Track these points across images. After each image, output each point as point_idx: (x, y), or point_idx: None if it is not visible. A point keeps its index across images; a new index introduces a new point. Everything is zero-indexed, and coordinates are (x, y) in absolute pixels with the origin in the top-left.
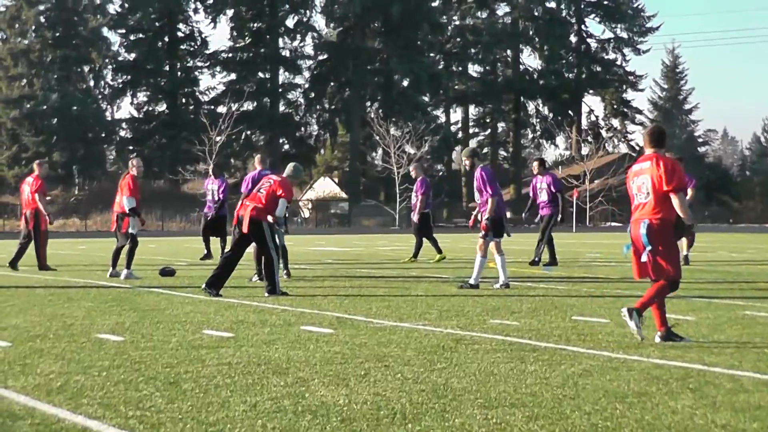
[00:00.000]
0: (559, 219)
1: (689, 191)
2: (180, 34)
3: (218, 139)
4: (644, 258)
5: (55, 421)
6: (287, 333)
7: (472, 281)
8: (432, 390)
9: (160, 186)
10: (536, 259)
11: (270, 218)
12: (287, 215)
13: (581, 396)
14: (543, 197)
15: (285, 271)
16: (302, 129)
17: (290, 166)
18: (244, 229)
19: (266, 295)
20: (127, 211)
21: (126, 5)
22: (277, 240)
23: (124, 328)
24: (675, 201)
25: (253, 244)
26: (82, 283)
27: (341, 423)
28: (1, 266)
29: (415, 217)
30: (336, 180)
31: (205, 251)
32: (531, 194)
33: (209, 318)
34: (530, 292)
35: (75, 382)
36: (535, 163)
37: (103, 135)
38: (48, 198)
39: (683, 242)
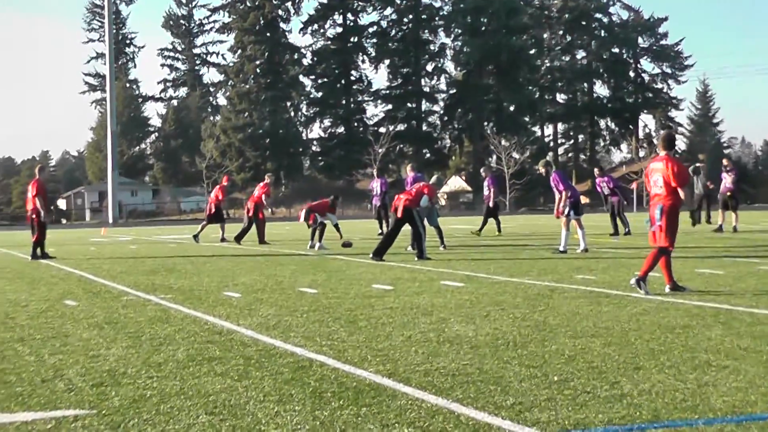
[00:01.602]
0: (625, 203)
1: (732, 176)
2: (352, 77)
3: (380, 150)
4: (654, 229)
5: (272, 348)
6: (431, 286)
7: (561, 248)
8: (534, 325)
9: (340, 184)
10: (627, 230)
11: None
12: (437, 206)
13: (642, 328)
14: (606, 191)
15: (442, 246)
16: (439, 142)
17: (435, 177)
18: (399, 215)
19: (416, 259)
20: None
21: (315, 59)
22: (426, 222)
23: (318, 284)
24: (681, 192)
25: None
26: (288, 253)
27: (471, 349)
28: (230, 242)
29: (491, 203)
30: (463, 178)
31: (379, 230)
32: (599, 190)
33: (376, 276)
34: (603, 256)
35: (285, 321)
36: (596, 170)
37: (300, 149)
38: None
39: (733, 216)
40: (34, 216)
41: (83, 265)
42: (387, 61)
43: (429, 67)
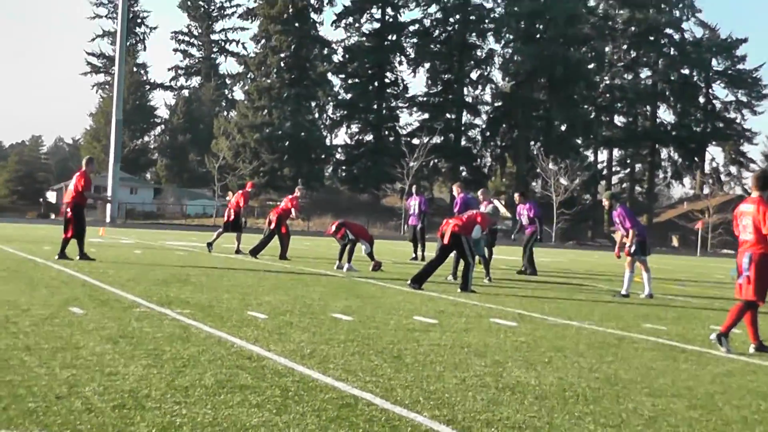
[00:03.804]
0: (539, 237)
1: None
2: (387, 80)
3: (412, 164)
4: (741, 280)
5: (311, 380)
6: (480, 323)
7: (623, 291)
8: (605, 378)
9: (365, 198)
10: (523, 268)
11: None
12: (485, 233)
13: (728, 392)
14: (525, 220)
15: (488, 277)
16: (478, 160)
17: (491, 207)
18: (446, 241)
19: (459, 291)
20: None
21: (347, 56)
22: (475, 250)
23: (352, 310)
24: None
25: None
26: (313, 271)
27: (535, 399)
28: (245, 255)
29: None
30: (503, 202)
31: (413, 255)
32: (518, 218)
33: (417, 307)
34: (671, 303)
35: (321, 350)
36: (516, 195)
37: (323, 156)
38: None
39: None
40: (69, 210)
41: (85, 268)
42: (427, 65)
43: (473, 75)
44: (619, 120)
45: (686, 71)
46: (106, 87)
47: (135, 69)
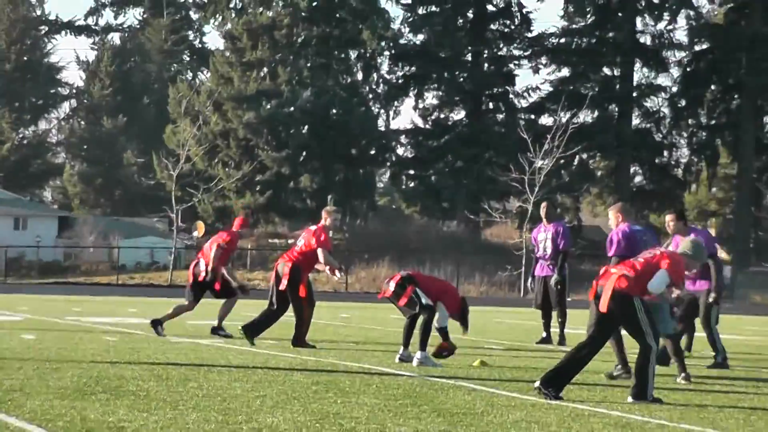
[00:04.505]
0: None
1: None
2: (490, 7)
3: (540, 164)
4: None
5: None
6: None
7: None
8: None
9: (452, 229)
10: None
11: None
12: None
13: None
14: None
15: (683, 374)
16: (665, 153)
17: (689, 242)
18: (602, 307)
19: (630, 399)
20: None
21: None
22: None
23: None
24: None
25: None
26: (355, 368)
27: None
28: (233, 337)
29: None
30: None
31: (544, 333)
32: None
33: None
34: None
35: None
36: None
37: (373, 152)
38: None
39: None
40: None
41: None
42: None
43: None
44: None
45: None
46: None
47: None
